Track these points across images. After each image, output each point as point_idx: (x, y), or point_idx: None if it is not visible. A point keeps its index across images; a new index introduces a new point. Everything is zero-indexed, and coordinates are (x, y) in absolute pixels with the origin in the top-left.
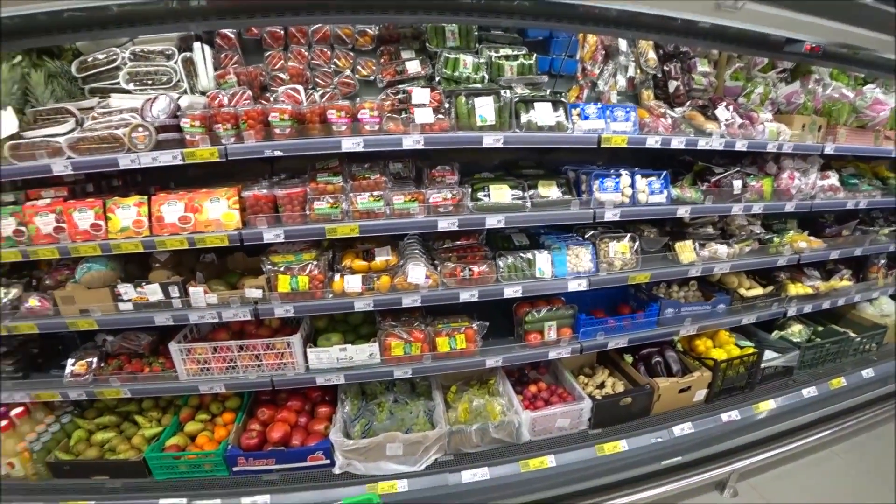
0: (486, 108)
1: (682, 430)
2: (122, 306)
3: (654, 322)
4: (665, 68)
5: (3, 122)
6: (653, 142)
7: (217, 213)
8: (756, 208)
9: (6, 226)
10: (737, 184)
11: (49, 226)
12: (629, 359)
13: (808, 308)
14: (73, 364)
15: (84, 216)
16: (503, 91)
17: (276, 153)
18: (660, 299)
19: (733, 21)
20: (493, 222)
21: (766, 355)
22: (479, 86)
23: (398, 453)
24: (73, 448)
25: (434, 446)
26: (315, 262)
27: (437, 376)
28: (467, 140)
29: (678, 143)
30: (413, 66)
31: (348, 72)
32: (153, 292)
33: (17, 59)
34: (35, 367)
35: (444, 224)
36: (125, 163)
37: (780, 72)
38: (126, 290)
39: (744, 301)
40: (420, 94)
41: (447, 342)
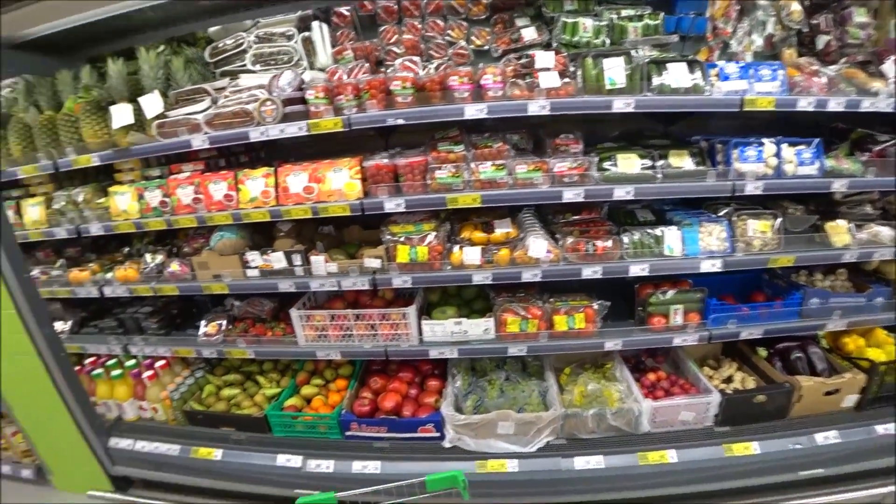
0: (615, 71)
1: (826, 438)
2: (249, 273)
3: (796, 313)
4: (812, 22)
5: (151, 103)
6: (805, 103)
7: (339, 182)
8: None
9: (153, 197)
10: None
11: (188, 197)
12: (763, 352)
13: None
14: (206, 325)
15: (218, 187)
16: (633, 51)
17: (399, 121)
18: (803, 287)
19: None
20: (620, 194)
21: None
22: (606, 48)
23: (509, 432)
24: (205, 400)
25: (547, 428)
26: (434, 233)
27: (551, 357)
28: (595, 105)
29: (837, 104)
30: (528, 34)
31: (462, 42)
32: (277, 260)
33: (160, 48)
34: (174, 327)
35: (569, 195)
36: (255, 135)
37: None
38: (253, 257)
39: None
40: (544, 58)
41: (565, 321)
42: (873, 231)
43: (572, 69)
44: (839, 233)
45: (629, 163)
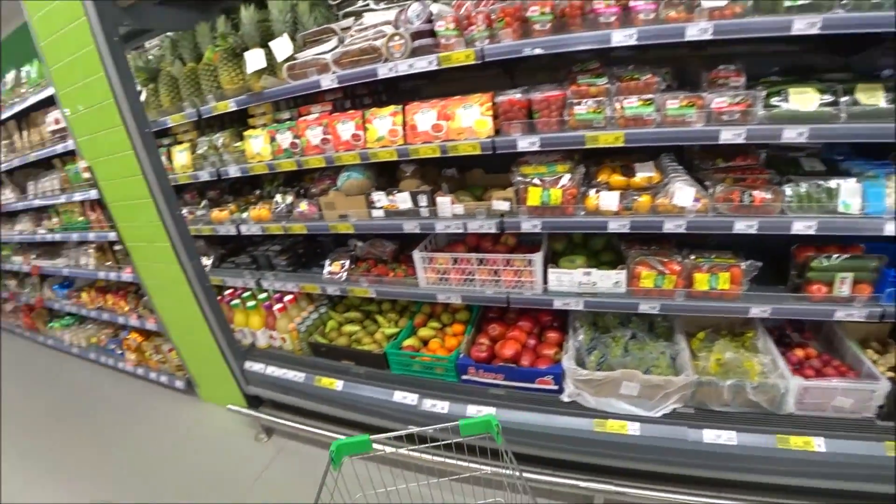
0: None
1: None
2: (374, 213)
3: None
4: None
5: (281, 47)
6: None
7: (469, 120)
8: None
9: (284, 139)
10: None
11: (317, 138)
12: None
13: None
14: (330, 264)
15: (346, 127)
16: None
17: (536, 51)
18: None
19: None
20: (791, 136)
21: None
22: None
23: (633, 394)
24: (328, 334)
25: (676, 394)
26: (569, 175)
27: (683, 319)
28: (769, 26)
29: None
30: None
31: None
32: (403, 201)
33: None
34: (300, 265)
35: (728, 135)
36: (383, 71)
37: None
38: (379, 197)
39: None
40: None
41: (707, 280)
42: None
43: None
44: None
45: (804, 98)
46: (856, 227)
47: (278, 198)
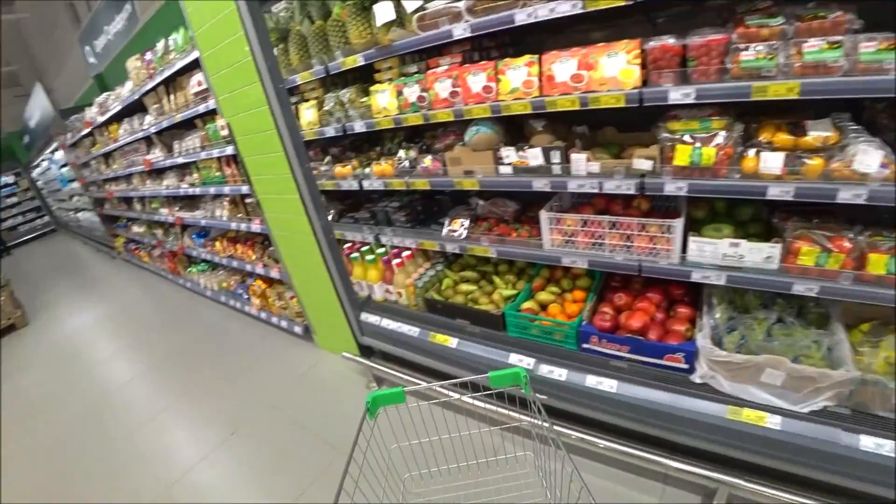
0: None
1: None
2: (501, 170)
3: None
4: None
5: None
6: None
7: (614, 69)
8: None
9: (412, 93)
10: None
11: (446, 91)
12: None
13: None
14: (450, 222)
15: (477, 79)
16: None
17: None
18: None
19: None
20: None
21: None
22: None
23: (775, 383)
24: (444, 292)
25: (829, 390)
26: (725, 133)
27: (842, 306)
28: None
29: None
30: None
31: None
32: (534, 157)
33: None
34: (418, 222)
35: None
36: (521, 17)
37: None
38: (508, 153)
39: None
40: None
41: (884, 262)
42: None
43: None
44: None
45: None
46: None
47: (401, 153)
